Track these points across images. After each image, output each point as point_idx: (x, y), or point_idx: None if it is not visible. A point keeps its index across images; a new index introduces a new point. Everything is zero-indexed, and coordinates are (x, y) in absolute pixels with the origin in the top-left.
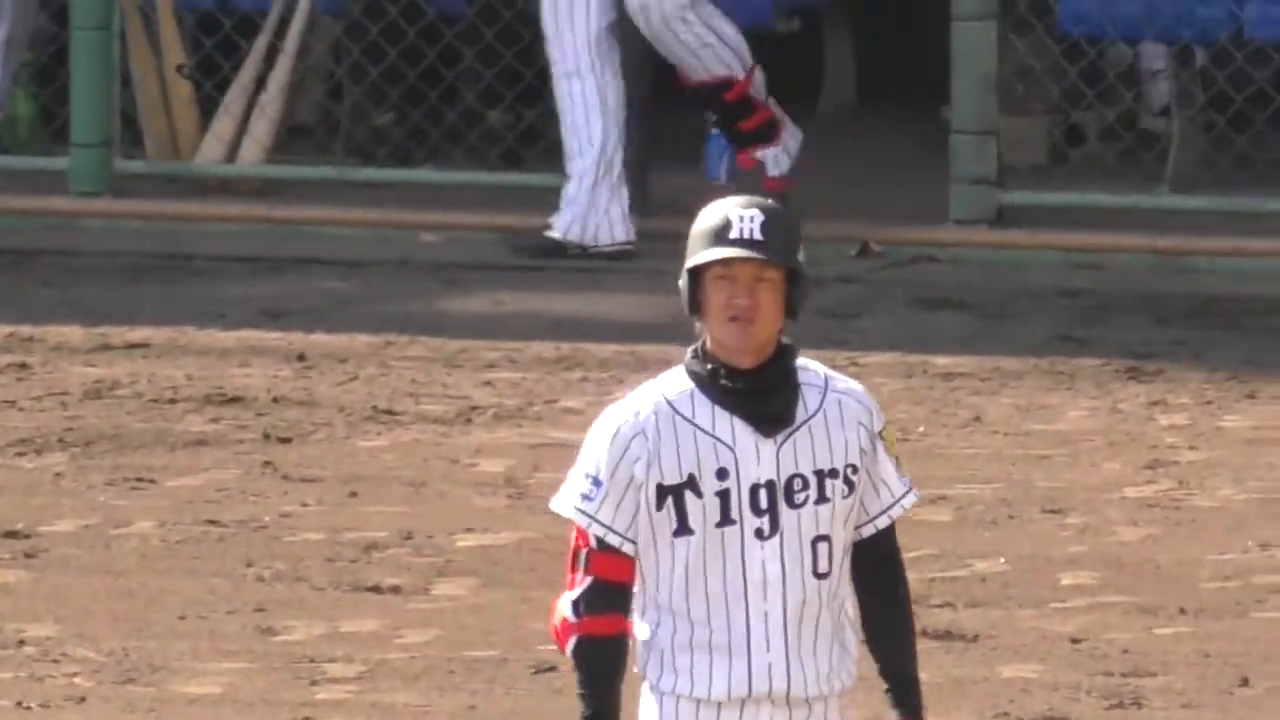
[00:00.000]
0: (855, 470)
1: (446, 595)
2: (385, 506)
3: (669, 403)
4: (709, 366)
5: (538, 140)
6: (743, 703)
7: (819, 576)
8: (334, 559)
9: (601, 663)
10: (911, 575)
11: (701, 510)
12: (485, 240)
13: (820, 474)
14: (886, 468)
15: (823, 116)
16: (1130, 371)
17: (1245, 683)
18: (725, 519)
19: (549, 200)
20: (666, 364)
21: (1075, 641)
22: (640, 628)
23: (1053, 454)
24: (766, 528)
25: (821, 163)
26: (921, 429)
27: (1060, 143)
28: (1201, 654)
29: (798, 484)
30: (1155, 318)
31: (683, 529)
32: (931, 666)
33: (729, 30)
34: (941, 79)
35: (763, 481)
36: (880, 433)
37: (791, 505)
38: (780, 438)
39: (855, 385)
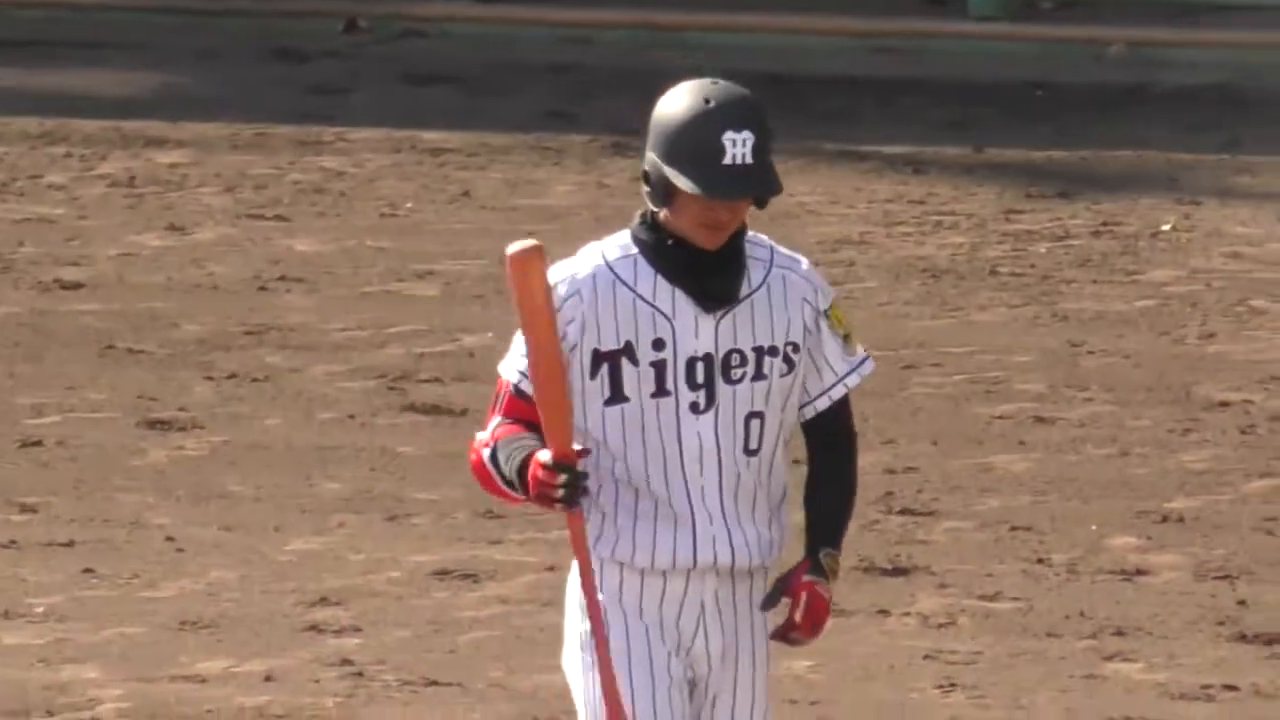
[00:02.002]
0: (796, 349)
1: None
2: None
3: (609, 265)
4: (662, 238)
5: None
6: (688, 573)
7: (749, 453)
8: None
9: (512, 439)
10: (399, 350)
11: (637, 379)
12: None
13: (759, 350)
14: (831, 346)
15: None
16: (617, 146)
17: None
18: (660, 390)
19: None
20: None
21: None
22: (595, 507)
23: (541, 229)
24: (702, 402)
25: None
26: (409, 205)
27: None
28: None
29: (735, 359)
30: (644, 93)
31: (616, 397)
32: (418, 441)
33: None
34: None
35: (700, 355)
36: (826, 311)
37: (728, 381)
38: (720, 313)
39: (801, 262)
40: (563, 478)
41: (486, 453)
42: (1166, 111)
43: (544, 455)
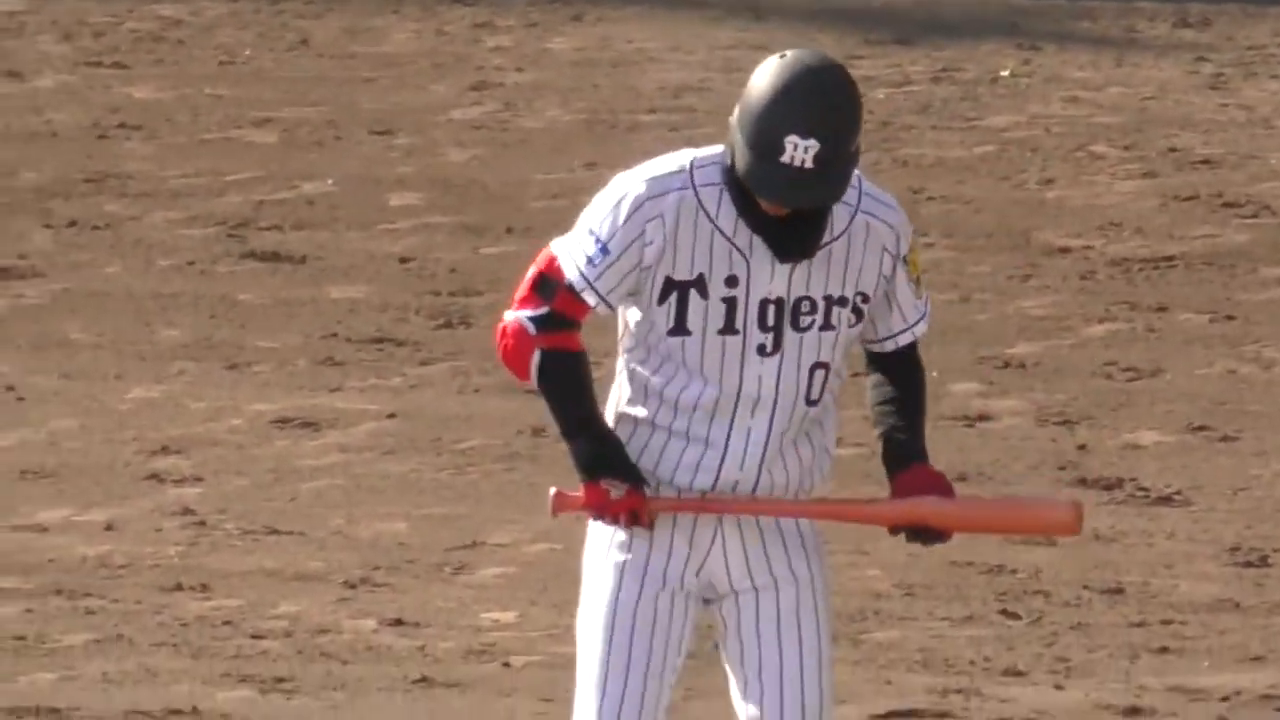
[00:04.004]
0: (866, 300)
1: None
2: None
3: (696, 193)
4: (743, 194)
5: None
6: (704, 494)
7: (810, 403)
8: None
9: (568, 375)
10: (237, 198)
11: (704, 313)
12: None
13: (830, 300)
14: (904, 292)
15: None
16: None
17: None
18: (729, 327)
19: None
20: None
21: (404, 261)
22: (629, 406)
23: (380, 76)
24: (769, 344)
25: None
26: (248, 52)
27: None
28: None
29: (805, 306)
30: None
31: (679, 329)
32: (257, 288)
33: None
34: None
35: (772, 298)
36: (905, 256)
37: (796, 328)
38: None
39: (889, 203)
40: (632, 521)
41: (536, 357)
42: None
43: (618, 493)
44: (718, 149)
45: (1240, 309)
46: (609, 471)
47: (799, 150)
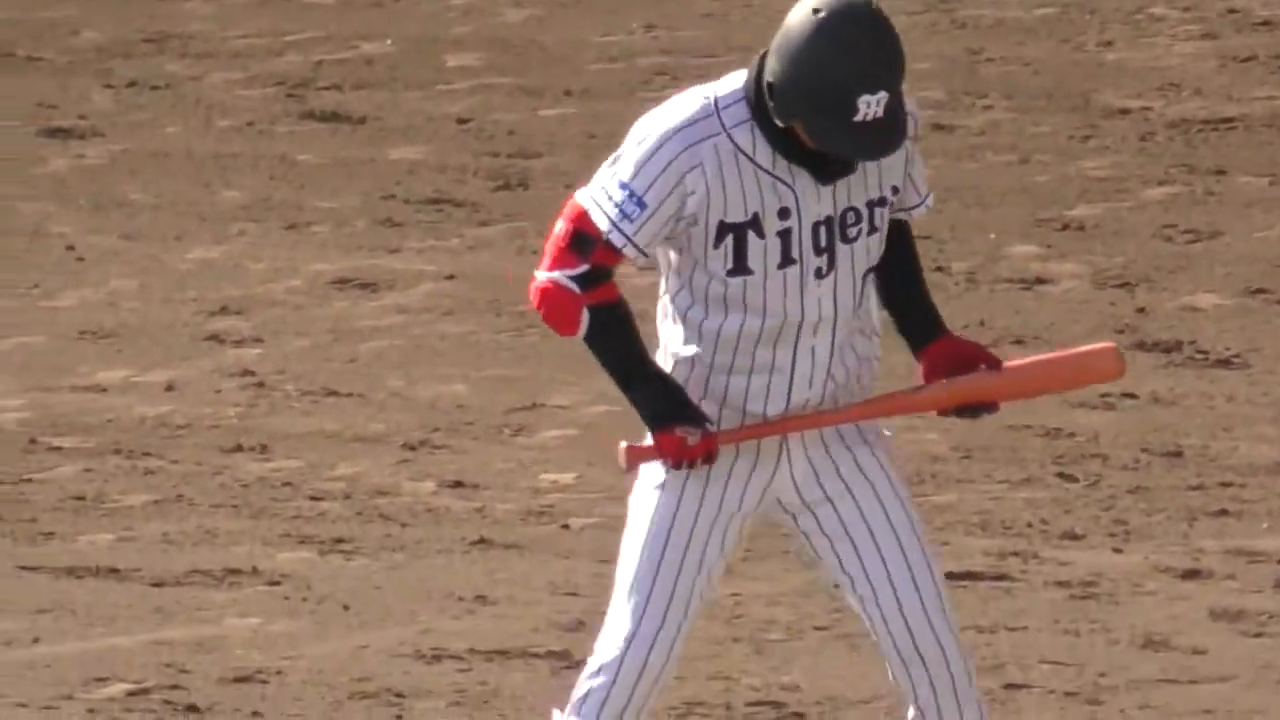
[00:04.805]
0: (896, 191)
1: None
2: None
3: (729, 134)
4: (775, 129)
5: None
6: (765, 418)
7: (859, 308)
8: None
9: (618, 327)
10: (297, 58)
11: (763, 251)
12: None
13: (871, 204)
14: (918, 168)
15: None
16: None
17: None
18: (786, 259)
19: None
20: None
21: (462, 122)
22: (680, 349)
23: None
24: (824, 266)
25: None
26: None
27: None
28: (586, 135)
29: (851, 217)
30: None
31: (740, 269)
32: (316, 149)
33: None
34: None
35: (822, 219)
36: (916, 136)
37: (845, 240)
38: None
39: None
40: (708, 463)
41: (585, 316)
42: None
43: (694, 439)
44: (734, 84)
45: None
46: (678, 419)
47: (871, 107)
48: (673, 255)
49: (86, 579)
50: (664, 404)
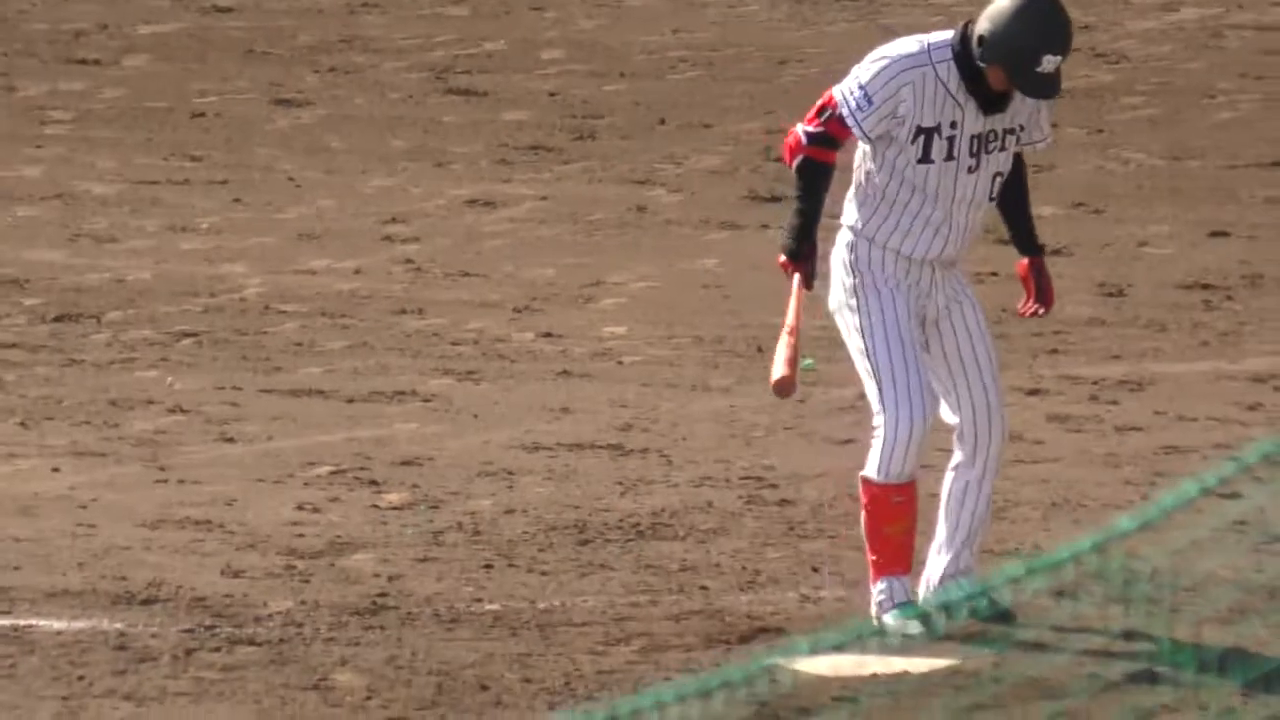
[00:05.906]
0: (1023, 128)
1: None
2: None
3: (934, 66)
4: (975, 63)
5: None
6: (922, 260)
7: (990, 199)
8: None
9: (817, 177)
10: (441, 53)
11: (939, 148)
12: None
13: (1007, 131)
14: (1046, 113)
15: None
16: None
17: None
18: (949, 155)
19: None
20: None
21: (552, 95)
22: (876, 209)
23: None
24: (974, 165)
25: None
26: None
27: None
28: (634, 104)
29: (991, 138)
30: None
31: (925, 159)
32: (455, 114)
33: None
34: None
35: (977, 133)
36: None
37: (986, 151)
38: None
39: None
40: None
41: (800, 159)
42: None
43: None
44: (942, 36)
45: None
46: (794, 257)
47: (1050, 64)
48: (883, 144)
49: (302, 397)
50: (796, 245)
